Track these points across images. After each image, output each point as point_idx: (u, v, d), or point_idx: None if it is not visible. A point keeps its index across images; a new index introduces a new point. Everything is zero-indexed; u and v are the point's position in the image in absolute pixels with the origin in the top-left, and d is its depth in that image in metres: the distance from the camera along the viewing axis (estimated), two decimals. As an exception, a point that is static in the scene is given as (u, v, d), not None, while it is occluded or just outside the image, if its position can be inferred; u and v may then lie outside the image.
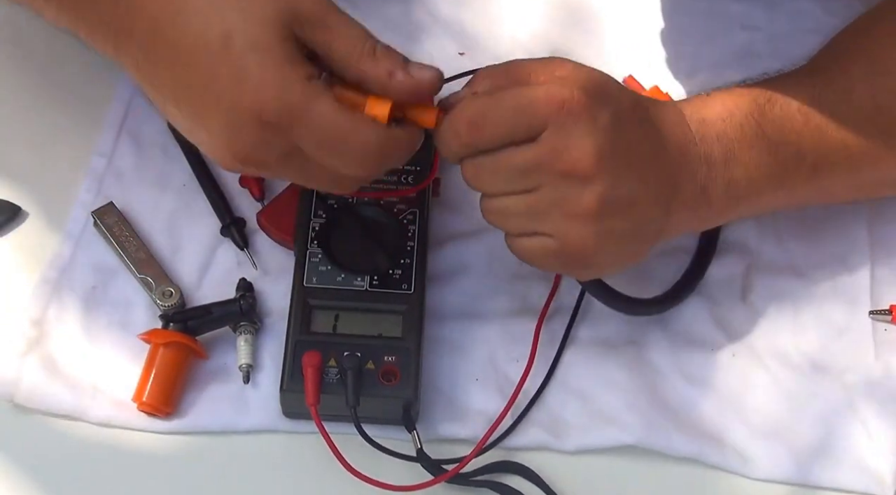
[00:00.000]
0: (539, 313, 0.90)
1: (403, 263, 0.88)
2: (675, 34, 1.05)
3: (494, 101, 0.77)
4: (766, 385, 0.89)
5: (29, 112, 0.98)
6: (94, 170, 0.96)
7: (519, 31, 1.04)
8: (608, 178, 0.77)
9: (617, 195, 0.78)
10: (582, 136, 0.76)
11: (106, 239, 0.92)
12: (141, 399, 0.86)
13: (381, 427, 0.84)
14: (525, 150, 0.77)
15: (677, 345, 0.90)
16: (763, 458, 0.86)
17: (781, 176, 0.86)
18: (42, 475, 0.85)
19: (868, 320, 0.91)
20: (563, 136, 0.76)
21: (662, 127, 0.82)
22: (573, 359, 0.90)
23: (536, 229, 0.79)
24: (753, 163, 0.84)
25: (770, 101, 0.85)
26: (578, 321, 0.91)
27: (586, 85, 0.77)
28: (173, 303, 0.89)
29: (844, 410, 0.88)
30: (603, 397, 0.88)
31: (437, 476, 0.82)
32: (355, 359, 0.83)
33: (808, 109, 0.85)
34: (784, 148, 0.85)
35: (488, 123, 0.77)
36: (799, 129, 0.85)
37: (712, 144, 0.83)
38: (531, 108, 0.76)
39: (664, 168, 0.81)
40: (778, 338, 0.91)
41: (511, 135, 0.77)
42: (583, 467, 0.86)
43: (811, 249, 0.94)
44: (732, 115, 0.84)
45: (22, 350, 0.88)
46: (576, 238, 0.79)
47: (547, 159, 0.76)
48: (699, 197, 0.84)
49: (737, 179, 0.84)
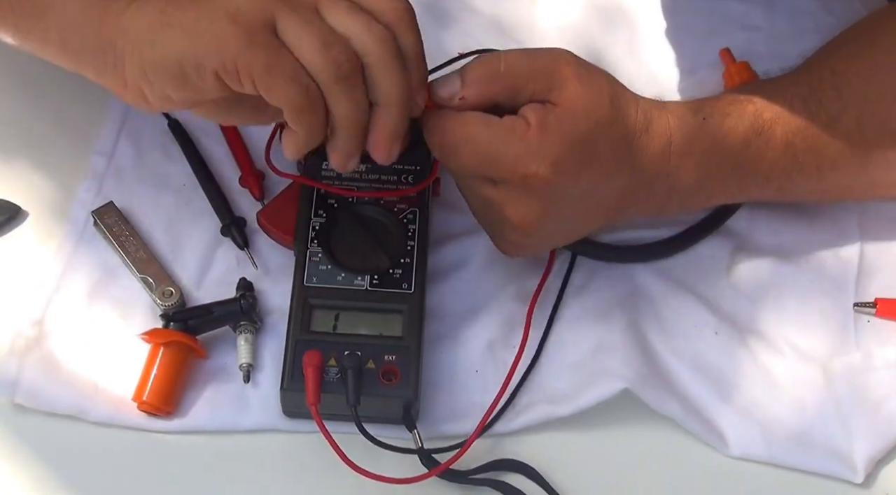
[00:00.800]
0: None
1: (403, 263, 0.88)
2: (676, 33, 1.05)
3: (469, 140, 0.80)
4: (745, 364, 0.89)
5: (29, 112, 0.98)
6: (95, 169, 0.96)
7: (554, 22, 1.06)
8: (550, 227, 0.84)
9: (556, 230, 0.85)
10: (533, 203, 0.81)
11: (106, 238, 0.92)
12: (141, 398, 0.86)
13: (381, 426, 0.83)
14: (486, 187, 0.82)
15: (664, 318, 0.91)
16: (738, 436, 0.87)
17: (740, 196, 0.91)
18: (42, 475, 0.85)
19: (852, 310, 0.92)
20: (516, 197, 0.81)
21: (640, 160, 0.84)
22: (564, 336, 0.90)
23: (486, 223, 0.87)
24: (717, 191, 0.89)
25: (758, 136, 0.87)
26: (569, 297, 0.92)
27: (561, 158, 0.80)
28: (173, 303, 0.89)
29: (822, 395, 0.88)
30: (595, 359, 0.88)
31: (433, 468, 0.82)
32: (356, 358, 0.83)
33: (791, 140, 0.87)
34: (753, 177, 0.89)
35: (457, 157, 0.81)
36: (774, 160, 0.88)
37: (684, 177, 0.86)
38: (498, 165, 0.80)
39: (621, 198, 0.85)
40: (760, 321, 0.91)
41: (475, 173, 0.82)
42: (583, 465, 0.86)
43: (801, 237, 0.95)
44: (717, 152, 0.86)
45: (22, 350, 0.88)
46: (505, 247, 0.87)
47: (499, 204, 0.82)
48: (650, 211, 0.89)
49: (695, 202, 0.89)
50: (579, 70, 0.81)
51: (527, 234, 0.84)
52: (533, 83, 0.80)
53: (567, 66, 0.81)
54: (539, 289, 0.91)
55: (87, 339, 0.89)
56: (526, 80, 0.81)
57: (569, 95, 0.80)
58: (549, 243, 0.89)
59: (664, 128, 0.85)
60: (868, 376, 0.89)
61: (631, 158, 0.83)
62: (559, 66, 0.81)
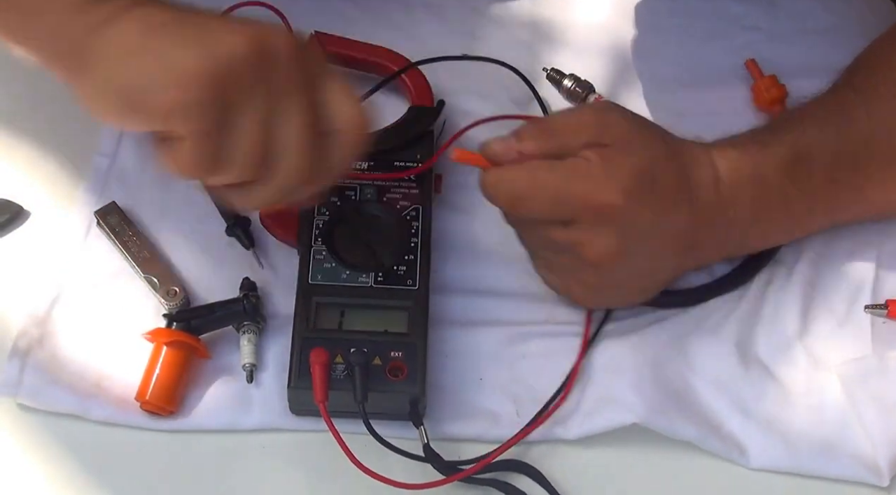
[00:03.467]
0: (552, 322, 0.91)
1: (408, 260, 0.88)
2: (677, 35, 1.06)
3: (537, 184, 0.82)
4: (765, 375, 0.89)
5: (30, 111, 0.98)
6: (97, 170, 0.96)
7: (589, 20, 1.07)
8: (626, 265, 0.84)
9: (631, 272, 0.86)
10: (609, 238, 0.82)
11: (109, 238, 0.92)
12: (144, 397, 0.86)
13: (387, 423, 0.83)
14: (557, 231, 0.83)
15: (686, 332, 0.90)
16: (760, 448, 0.86)
17: (793, 227, 0.91)
18: (44, 474, 0.84)
19: (865, 313, 0.92)
20: (591, 234, 0.82)
21: (699, 192, 0.86)
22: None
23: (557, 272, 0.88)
24: (771, 221, 0.89)
25: (797, 161, 0.88)
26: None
27: (628, 185, 0.82)
28: (178, 303, 0.89)
29: (841, 401, 0.88)
30: (606, 381, 0.88)
31: (450, 475, 0.82)
32: (363, 354, 0.83)
33: (829, 162, 0.88)
34: (800, 204, 0.89)
35: (527, 203, 0.82)
36: (817, 185, 0.89)
37: (741, 208, 0.87)
38: (569, 202, 0.81)
39: (689, 235, 0.86)
40: (780, 328, 0.91)
41: (547, 217, 0.83)
42: (589, 468, 0.86)
43: (822, 241, 0.94)
44: (763, 178, 0.88)
45: (25, 349, 0.87)
46: (582, 295, 0.89)
47: (574, 246, 0.83)
48: (714, 251, 0.90)
49: (752, 236, 0.90)
50: (626, 113, 0.85)
51: (604, 274, 0.84)
52: (585, 131, 0.83)
53: (613, 112, 0.85)
54: (586, 338, 0.90)
55: (90, 339, 0.89)
56: (577, 131, 0.83)
57: (623, 134, 0.83)
58: (625, 290, 0.89)
59: (710, 161, 0.87)
60: (884, 378, 0.89)
61: (688, 190, 0.85)
62: (606, 114, 0.85)
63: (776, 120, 0.96)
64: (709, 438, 0.86)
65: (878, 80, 0.90)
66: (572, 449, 0.86)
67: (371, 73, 1.00)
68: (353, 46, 1.00)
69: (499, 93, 1.01)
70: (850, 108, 0.89)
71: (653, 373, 0.88)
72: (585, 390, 0.88)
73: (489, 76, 1.01)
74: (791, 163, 0.88)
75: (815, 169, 0.88)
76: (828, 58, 0.95)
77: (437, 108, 0.97)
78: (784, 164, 0.88)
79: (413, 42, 1.03)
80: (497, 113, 0.96)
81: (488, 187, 0.83)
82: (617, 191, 0.81)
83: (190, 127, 0.73)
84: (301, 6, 1.03)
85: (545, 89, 1.01)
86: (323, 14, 1.04)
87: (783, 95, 1.00)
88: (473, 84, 1.01)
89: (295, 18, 0.99)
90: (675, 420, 0.86)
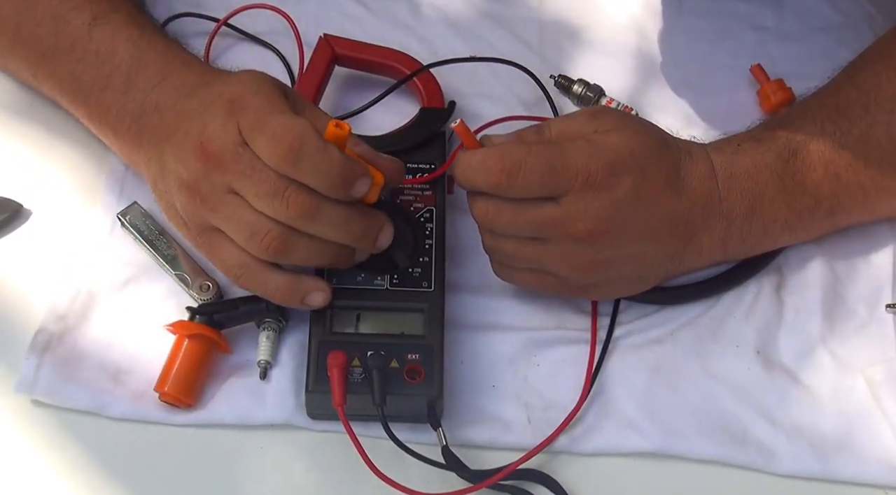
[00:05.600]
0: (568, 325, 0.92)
1: (423, 261, 0.89)
2: (686, 35, 1.06)
3: (531, 156, 0.82)
4: (789, 380, 0.89)
5: (31, 110, 0.98)
6: (115, 171, 0.96)
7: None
8: (617, 241, 0.85)
9: (624, 253, 0.85)
10: (599, 207, 0.83)
11: (135, 238, 0.93)
12: (163, 388, 0.86)
13: (404, 426, 0.84)
14: (545, 209, 0.83)
15: (703, 342, 0.91)
16: (788, 454, 0.86)
17: (796, 224, 0.90)
18: (60, 469, 0.85)
19: (887, 314, 0.92)
20: (581, 205, 0.83)
21: (691, 181, 0.87)
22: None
23: (540, 269, 0.86)
24: (771, 216, 0.89)
25: (794, 155, 0.89)
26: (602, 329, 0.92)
27: (616, 157, 0.83)
28: (212, 296, 0.90)
29: (867, 404, 0.89)
30: (623, 400, 0.88)
31: (476, 482, 0.82)
32: (380, 357, 0.83)
33: (829, 158, 0.89)
34: (801, 199, 0.89)
35: (521, 175, 0.82)
36: (817, 180, 0.89)
37: (736, 201, 0.88)
38: (562, 172, 0.82)
39: (681, 224, 0.87)
40: (803, 333, 0.91)
41: (537, 191, 0.83)
42: (606, 478, 0.86)
43: (836, 245, 0.95)
44: (760, 171, 0.88)
45: (42, 346, 0.88)
46: (577, 282, 0.87)
47: (563, 221, 0.83)
48: (714, 247, 0.89)
49: (754, 232, 0.89)
50: (620, 113, 0.89)
51: (597, 248, 0.84)
52: (581, 130, 0.85)
53: (608, 111, 0.89)
54: (593, 338, 0.91)
55: (111, 335, 0.89)
56: (573, 132, 0.85)
57: (614, 123, 0.84)
58: (618, 273, 0.87)
59: (704, 155, 0.88)
60: None
61: (679, 181, 0.86)
62: (602, 112, 0.87)
63: (772, 117, 0.96)
64: (731, 453, 0.87)
65: (881, 79, 0.90)
66: (591, 459, 0.87)
67: (381, 75, 1.00)
68: (364, 49, 1.00)
69: (508, 95, 1.01)
70: (849, 105, 0.90)
71: (669, 392, 0.89)
72: (600, 407, 0.88)
73: (498, 78, 1.01)
74: (787, 158, 0.88)
75: (814, 164, 0.89)
76: (835, 56, 0.96)
77: (448, 110, 0.97)
78: (780, 159, 0.88)
79: (421, 44, 1.03)
80: (506, 115, 0.97)
81: (479, 164, 0.82)
82: (604, 164, 0.82)
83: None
84: (308, 8, 1.03)
85: (554, 91, 1.01)
86: (330, 15, 1.04)
87: (790, 98, 1.00)
88: (482, 86, 1.01)
89: (302, 20, 0.99)
90: (694, 440, 0.87)
